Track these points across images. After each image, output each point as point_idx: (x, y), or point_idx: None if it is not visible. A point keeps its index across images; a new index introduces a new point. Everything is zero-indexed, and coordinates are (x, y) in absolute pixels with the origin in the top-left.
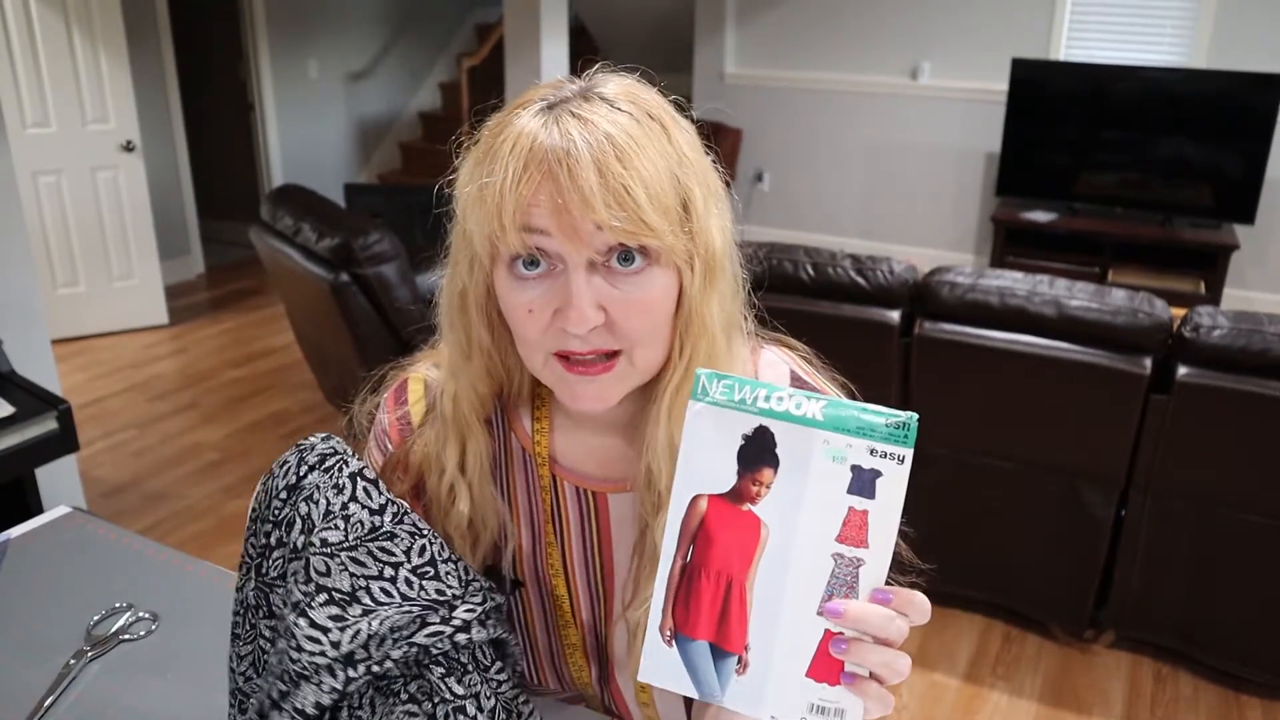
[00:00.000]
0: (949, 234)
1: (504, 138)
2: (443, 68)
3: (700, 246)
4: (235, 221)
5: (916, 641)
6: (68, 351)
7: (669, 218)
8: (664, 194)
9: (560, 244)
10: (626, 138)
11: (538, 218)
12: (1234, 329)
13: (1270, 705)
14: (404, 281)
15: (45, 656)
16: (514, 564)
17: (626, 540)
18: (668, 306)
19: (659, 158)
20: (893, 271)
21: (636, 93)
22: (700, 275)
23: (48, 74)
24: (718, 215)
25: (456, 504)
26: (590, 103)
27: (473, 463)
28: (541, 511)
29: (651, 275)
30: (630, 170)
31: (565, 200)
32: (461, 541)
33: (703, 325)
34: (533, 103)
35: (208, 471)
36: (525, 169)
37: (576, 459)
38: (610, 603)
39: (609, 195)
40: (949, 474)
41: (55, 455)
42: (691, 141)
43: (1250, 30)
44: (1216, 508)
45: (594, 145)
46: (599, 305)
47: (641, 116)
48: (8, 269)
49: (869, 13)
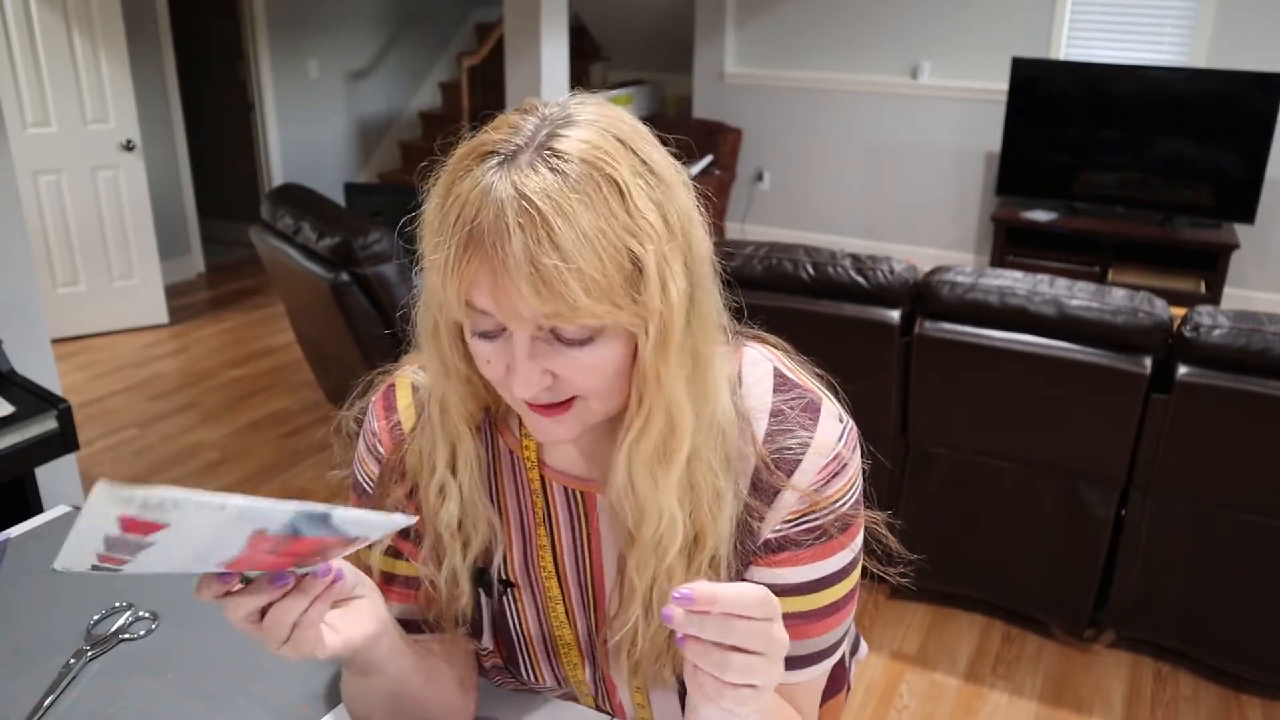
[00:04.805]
0: (949, 233)
1: (456, 197)
2: (443, 67)
3: (653, 313)
4: (235, 221)
5: (917, 641)
6: (68, 351)
7: (611, 296)
8: (604, 273)
9: (502, 320)
10: (565, 218)
11: (479, 298)
12: (1234, 329)
13: (1270, 705)
14: (404, 281)
15: (45, 656)
16: (505, 566)
17: (612, 541)
18: (619, 365)
19: (604, 230)
20: (893, 271)
21: (598, 143)
22: (654, 339)
23: (48, 74)
24: (680, 269)
25: (446, 504)
26: (542, 161)
27: (463, 464)
28: (532, 514)
29: (598, 345)
30: (565, 256)
31: (503, 285)
32: (452, 541)
33: (658, 384)
34: (490, 155)
35: (208, 471)
36: (465, 250)
37: (564, 460)
38: (601, 601)
39: (541, 285)
40: (949, 474)
41: (55, 455)
42: (659, 190)
43: (1250, 30)
44: (1217, 507)
45: (528, 230)
46: (546, 370)
47: (592, 178)
48: (8, 269)
49: (869, 13)
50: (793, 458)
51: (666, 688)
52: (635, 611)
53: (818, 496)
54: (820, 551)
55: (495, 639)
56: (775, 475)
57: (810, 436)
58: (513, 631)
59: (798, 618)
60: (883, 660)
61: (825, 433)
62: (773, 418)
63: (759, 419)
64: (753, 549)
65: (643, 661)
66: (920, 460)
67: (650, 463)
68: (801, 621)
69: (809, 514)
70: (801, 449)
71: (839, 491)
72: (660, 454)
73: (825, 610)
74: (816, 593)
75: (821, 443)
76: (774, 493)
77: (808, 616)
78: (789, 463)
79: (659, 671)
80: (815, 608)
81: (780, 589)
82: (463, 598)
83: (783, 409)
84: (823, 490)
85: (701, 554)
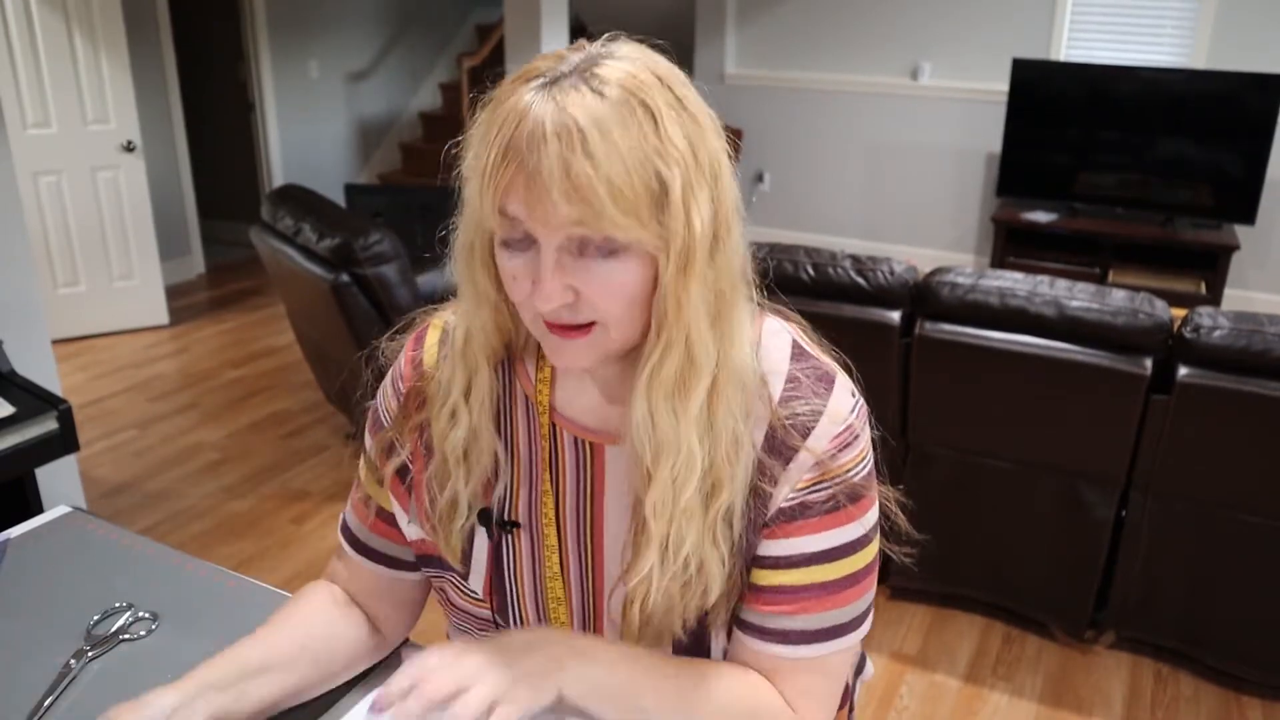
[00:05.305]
0: (949, 234)
1: (499, 114)
2: (443, 68)
3: (675, 236)
4: (235, 221)
5: (918, 642)
6: (68, 351)
7: (637, 211)
8: (631, 187)
9: (532, 229)
10: (600, 133)
11: (512, 204)
12: (1234, 329)
13: (1270, 705)
14: (404, 282)
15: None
16: (510, 505)
17: (618, 495)
18: (640, 290)
19: (635, 148)
20: (893, 272)
21: (637, 74)
22: (676, 264)
23: (48, 74)
24: (706, 199)
25: (455, 430)
26: (584, 83)
27: (476, 394)
28: (540, 457)
29: (622, 262)
30: (596, 165)
31: (535, 191)
32: (456, 467)
33: (679, 309)
34: (536, 76)
35: (208, 471)
36: (504, 157)
37: (576, 410)
38: (599, 559)
39: (572, 191)
40: (949, 474)
41: (55, 455)
42: (690, 125)
43: (1250, 30)
44: (1217, 508)
45: (564, 139)
46: (569, 285)
47: (628, 102)
48: (8, 269)
49: (869, 13)
50: (805, 424)
51: (665, 645)
52: (651, 559)
53: (831, 464)
54: (831, 520)
55: (489, 585)
56: (791, 436)
57: (823, 404)
58: (506, 578)
59: (817, 589)
60: (883, 661)
61: (838, 403)
62: (788, 383)
63: (775, 382)
64: (765, 519)
65: (654, 615)
66: (920, 461)
67: (670, 395)
68: (821, 593)
69: (820, 481)
70: (814, 416)
71: (851, 461)
72: (679, 387)
73: (844, 581)
74: (833, 562)
75: (835, 411)
76: (789, 455)
77: (826, 588)
78: (802, 429)
79: (669, 624)
80: (833, 578)
81: (796, 559)
82: (456, 520)
83: (798, 376)
84: (836, 458)
85: (717, 501)
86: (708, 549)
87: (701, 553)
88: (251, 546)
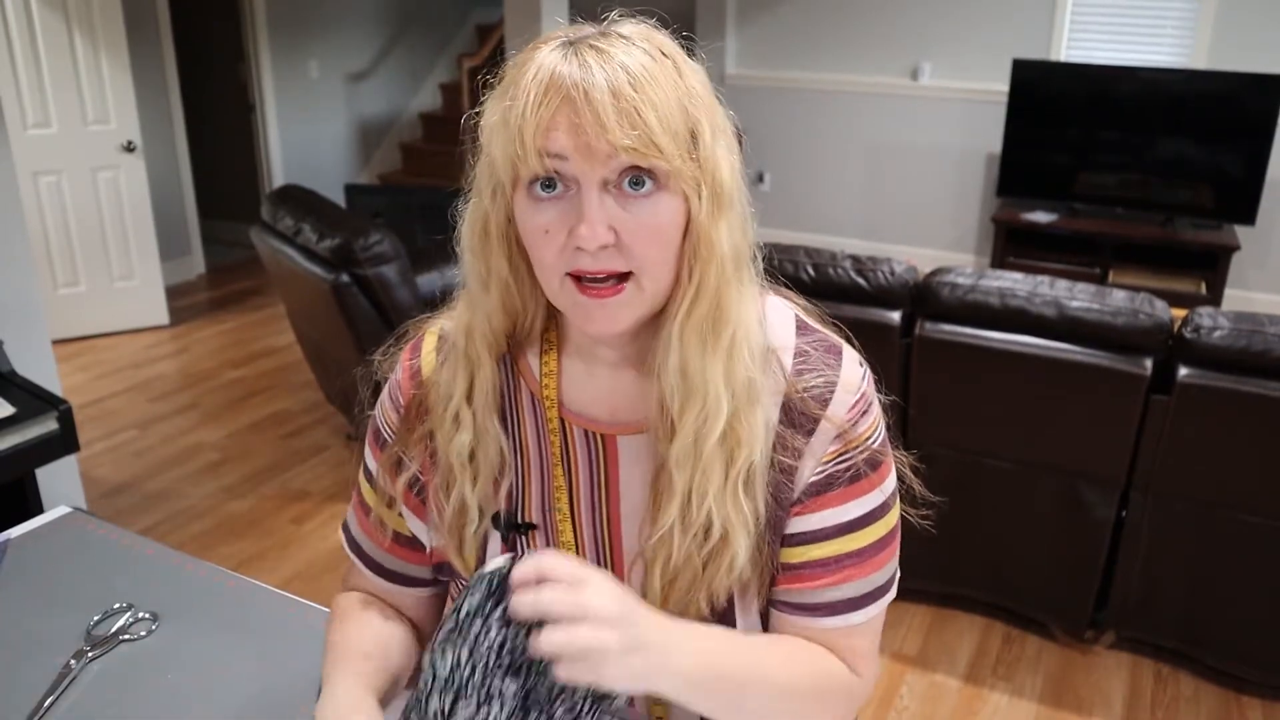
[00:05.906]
0: (949, 234)
1: (525, 70)
2: (443, 68)
3: (707, 175)
4: (236, 222)
5: (918, 642)
6: (68, 352)
7: (678, 143)
8: (673, 120)
9: (576, 165)
10: (640, 68)
11: (555, 140)
12: (1235, 330)
13: (1270, 705)
14: (404, 282)
15: (45, 656)
16: (522, 507)
17: (634, 483)
18: (675, 232)
19: (670, 88)
20: (893, 272)
21: (651, 34)
22: (708, 202)
23: (48, 74)
24: (725, 149)
25: (460, 433)
26: (608, 39)
27: (479, 394)
28: (550, 454)
29: (660, 199)
30: (642, 95)
31: (581, 122)
32: (463, 471)
33: (710, 250)
34: (553, 40)
35: (208, 471)
36: (545, 94)
37: (585, 403)
38: (617, 551)
39: (622, 117)
40: (949, 474)
41: (55, 455)
42: (702, 81)
43: (1250, 30)
44: (1217, 508)
45: (609, 73)
46: (610, 226)
47: (655, 53)
48: (8, 269)
49: (869, 13)
50: (821, 394)
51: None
52: (672, 514)
53: (852, 433)
54: (856, 489)
55: None
56: (809, 406)
57: (836, 375)
58: None
59: (854, 557)
60: (883, 661)
61: (849, 372)
62: (797, 356)
63: (785, 355)
64: (794, 496)
65: (677, 583)
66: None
67: (702, 340)
68: (857, 560)
69: (845, 453)
70: (829, 387)
71: (869, 429)
72: (710, 332)
73: (875, 546)
74: (861, 530)
75: (848, 380)
76: (810, 427)
77: (861, 554)
78: (819, 399)
79: (693, 599)
80: (866, 544)
81: (828, 530)
82: (468, 527)
83: (806, 349)
84: (856, 426)
85: (738, 459)
86: (730, 511)
87: (724, 514)
88: (251, 547)
